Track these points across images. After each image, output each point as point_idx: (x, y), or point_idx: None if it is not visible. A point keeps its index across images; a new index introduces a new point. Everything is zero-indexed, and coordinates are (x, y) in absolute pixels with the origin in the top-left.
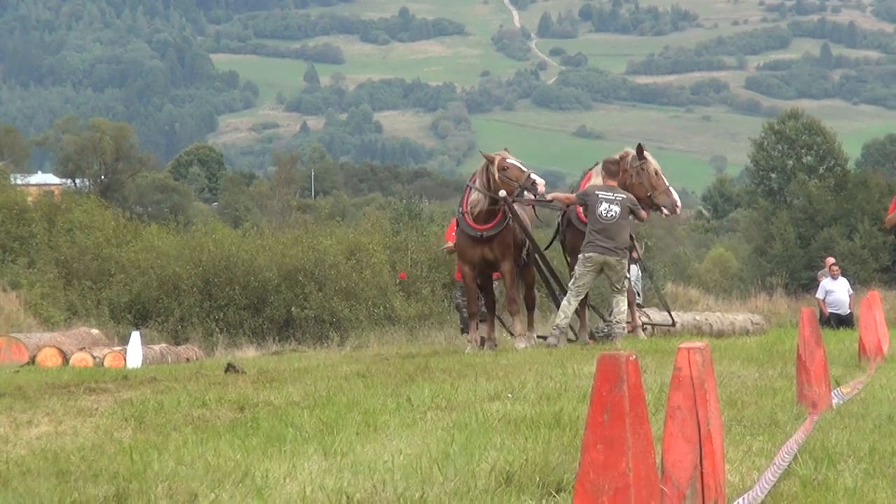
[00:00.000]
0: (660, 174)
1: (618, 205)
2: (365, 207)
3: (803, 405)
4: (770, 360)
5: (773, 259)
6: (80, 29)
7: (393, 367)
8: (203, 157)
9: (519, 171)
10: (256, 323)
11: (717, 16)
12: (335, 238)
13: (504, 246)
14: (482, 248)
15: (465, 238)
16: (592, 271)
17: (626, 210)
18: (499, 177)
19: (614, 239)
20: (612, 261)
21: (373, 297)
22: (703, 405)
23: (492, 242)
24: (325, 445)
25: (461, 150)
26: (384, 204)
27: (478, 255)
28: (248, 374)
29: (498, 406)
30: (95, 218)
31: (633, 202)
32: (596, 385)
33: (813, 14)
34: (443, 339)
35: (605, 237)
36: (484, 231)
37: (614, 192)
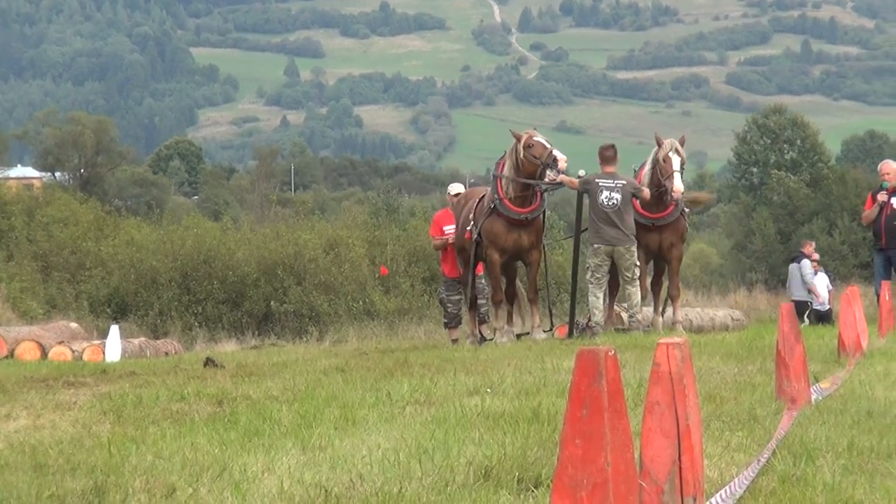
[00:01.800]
0: (668, 161)
1: (618, 192)
2: (344, 202)
3: (782, 401)
4: (749, 355)
5: (753, 254)
6: (61, 22)
7: (372, 362)
8: (183, 150)
9: (542, 148)
10: (235, 317)
11: (698, 11)
12: (314, 232)
13: (538, 231)
14: (518, 234)
15: (502, 223)
16: (605, 261)
17: (627, 196)
18: (524, 155)
19: (619, 227)
20: (621, 249)
21: (352, 291)
22: (682, 400)
23: (529, 227)
24: (304, 440)
25: (441, 145)
26: (363, 198)
27: (512, 240)
28: (226, 369)
29: (476, 401)
30: (74, 212)
31: (633, 186)
32: (575, 380)
33: (793, 10)
34: (422, 333)
35: (609, 226)
36: (528, 214)
37: (614, 179)
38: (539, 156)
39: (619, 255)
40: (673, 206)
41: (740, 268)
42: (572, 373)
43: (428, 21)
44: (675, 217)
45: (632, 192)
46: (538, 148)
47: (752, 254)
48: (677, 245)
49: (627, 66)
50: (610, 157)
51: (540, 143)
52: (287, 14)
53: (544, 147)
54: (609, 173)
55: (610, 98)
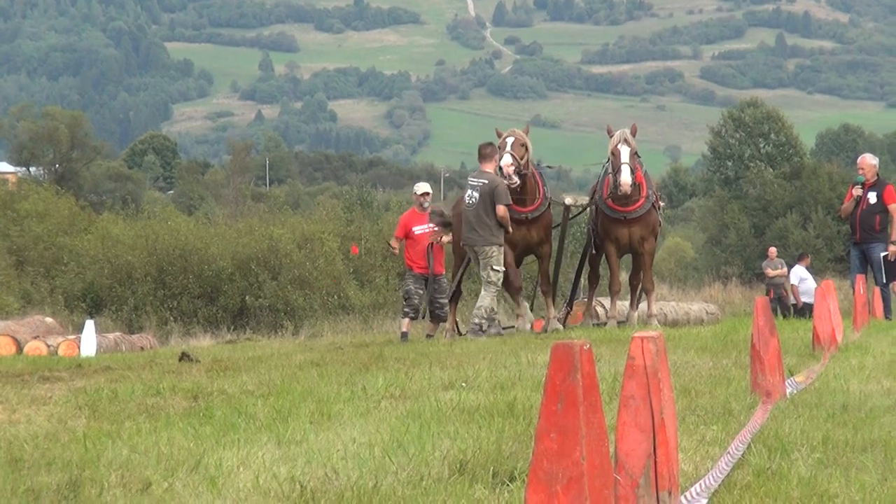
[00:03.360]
0: (616, 153)
1: (478, 191)
2: (319, 196)
3: (757, 394)
4: (724, 349)
5: (728, 248)
6: (35, 17)
7: (347, 356)
8: (157, 145)
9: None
10: (210, 312)
11: (673, 5)
12: (289, 227)
13: (546, 227)
14: (525, 231)
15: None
16: (474, 259)
17: (486, 195)
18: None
19: (474, 227)
20: (477, 250)
21: (327, 285)
22: (657, 394)
23: (535, 224)
24: (279, 434)
25: (416, 139)
26: (338, 193)
27: (519, 237)
28: (202, 363)
29: (452, 395)
30: (49, 206)
31: (493, 188)
32: (550, 374)
33: (768, 4)
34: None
35: (467, 226)
36: (528, 213)
37: (480, 178)
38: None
39: (477, 256)
40: (643, 199)
41: (715, 262)
42: (547, 367)
43: (402, 15)
44: (645, 210)
45: (490, 194)
46: (500, 152)
47: (727, 248)
48: (649, 239)
49: (602, 60)
50: (487, 154)
51: (502, 146)
52: (261, 8)
53: (502, 151)
54: (482, 171)
55: (585, 92)
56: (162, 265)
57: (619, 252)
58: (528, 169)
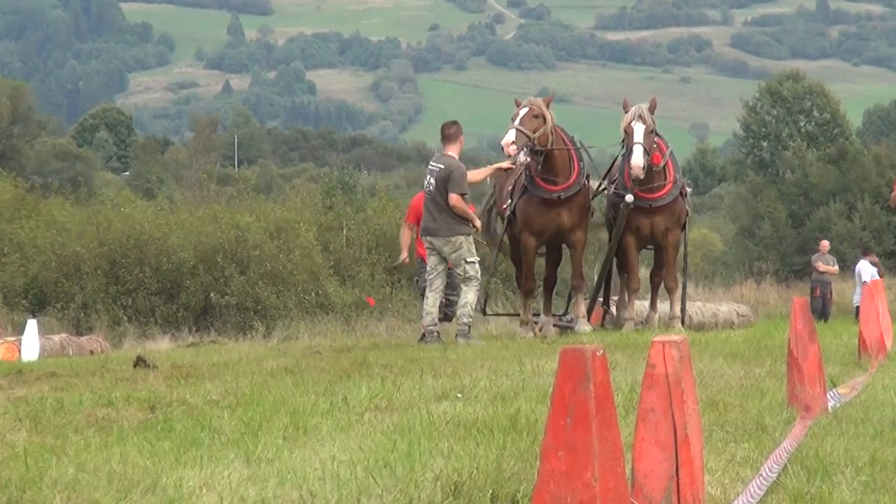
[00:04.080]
0: (629, 132)
1: (434, 176)
2: (295, 179)
3: (795, 408)
4: (757, 356)
5: (762, 241)
6: None
7: (326, 362)
8: (111, 120)
9: None
10: (170, 310)
11: None
12: (260, 214)
13: (581, 209)
14: (555, 214)
15: (535, 203)
16: (438, 258)
17: (440, 183)
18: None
19: (433, 216)
20: (438, 242)
21: (303, 281)
22: (680, 407)
23: (567, 206)
24: (248, 451)
25: (406, 115)
26: (316, 175)
27: (547, 222)
28: (160, 369)
29: (445, 407)
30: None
31: (448, 173)
32: (557, 383)
33: None
34: (383, 329)
35: (426, 214)
36: (560, 192)
37: (438, 162)
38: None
39: (439, 247)
40: (671, 184)
41: (747, 256)
42: (555, 375)
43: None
44: (672, 198)
45: (446, 178)
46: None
47: (761, 240)
48: (673, 230)
49: (618, 25)
50: (450, 135)
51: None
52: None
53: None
54: (443, 155)
55: (598, 62)
56: (115, 257)
57: (638, 245)
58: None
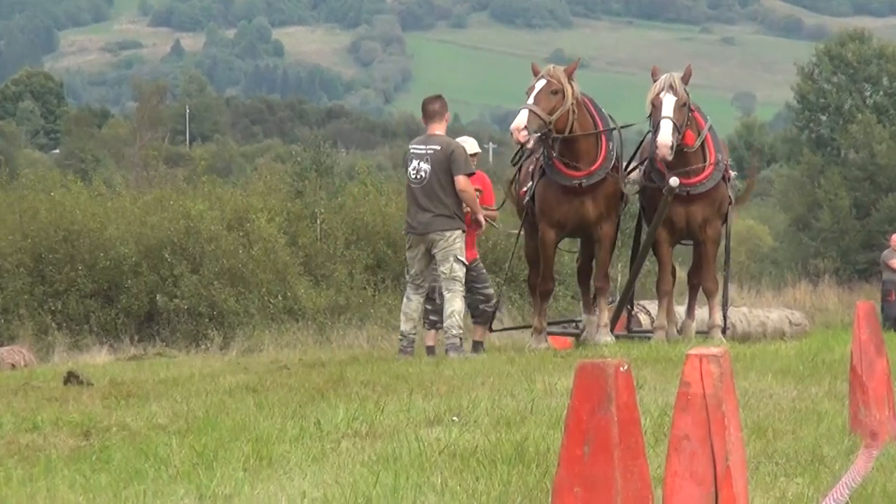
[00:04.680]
0: (657, 105)
1: (428, 161)
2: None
3: (858, 435)
4: (813, 373)
5: (820, 235)
6: None
7: (295, 379)
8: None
9: None
10: (108, 316)
11: None
12: (216, 201)
13: (608, 198)
14: (579, 203)
15: (554, 190)
16: (423, 256)
17: (439, 166)
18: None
19: (429, 209)
20: (434, 237)
21: (267, 282)
22: (720, 434)
23: (592, 194)
24: (201, 485)
25: (391, 82)
26: (284, 154)
27: (569, 212)
28: (95, 387)
29: (438, 433)
30: None
31: (448, 153)
32: (573, 405)
33: None
34: (364, 340)
35: (418, 208)
36: (583, 178)
37: (428, 144)
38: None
39: (433, 243)
40: (712, 167)
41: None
42: (570, 396)
43: None
44: (713, 183)
45: (447, 159)
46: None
47: (818, 234)
48: (713, 222)
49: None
50: (434, 112)
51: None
52: None
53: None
54: (431, 136)
55: (624, 19)
56: (41, 252)
57: (672, 239)
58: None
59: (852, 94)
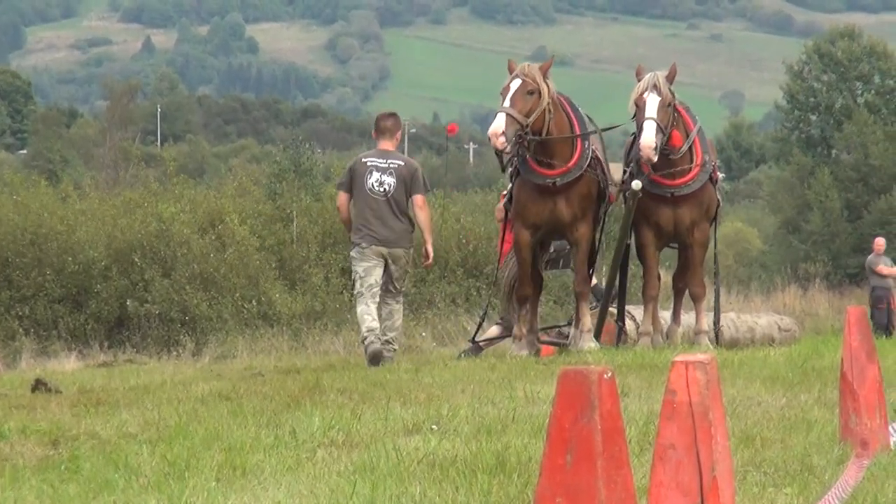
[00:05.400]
0: (640, 105)
1: (392, 174)
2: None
3: (849, 444)
4: (803, 380)
5: (810, 238)
6: None
7: (269, 387)
8: (4, 85)
9: None
10: (77, 322)
11: None
12: (188, 203)
13: (583, 199)
14: (549, 203)
15: (528, 190)
16: (377, 265)
17: (406, 180)
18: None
19: (392, 221)
20: (398, 252)
21: (241, 286)
22: (707, 443)
23: (567, 194)
24: (172, 496)
25: (369, 80)
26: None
27: (542, 212)
28: (64, 395)
29: (417, 442)
30: None
31: (413, 171)
32: (556, 414)
33: None
34: (341, 346)
35: (379, 220)
36: (557, 177)
37: (389, 158)
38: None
39: (396, 258)
40: (698, 168)
41: (791, 256)
42: (552, 403)
43: None
44: (699, 184)
45: (411, 177)
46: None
47: (808, 237)
48: (701, 224)
49: None
50: (386, 128)
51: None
52: None
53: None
54: (383, 150)
55: (609, 15)
56: (7, 256)
57: (658, 243)
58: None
59: (843, 93)
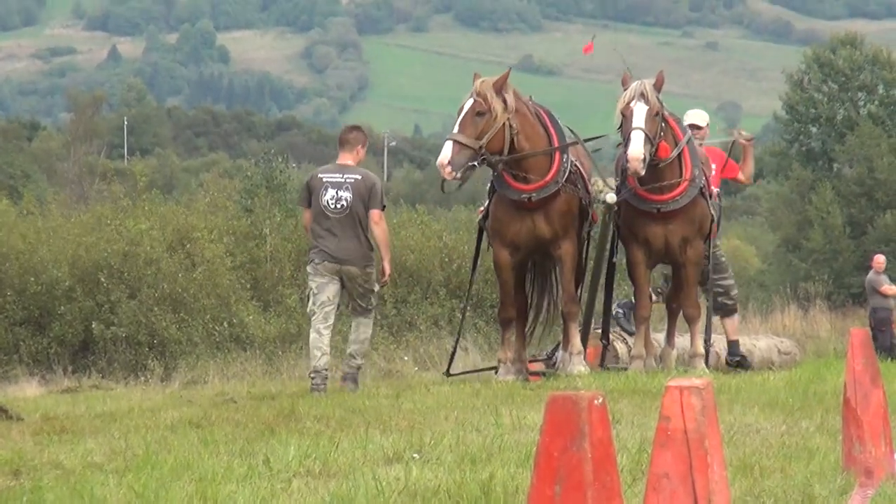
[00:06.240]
0: (627, 115)
1: (349, 189)
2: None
3: (852, 473)
4: (804, 406)
5: (811, 256)
6: None
7: (243, 414)
8: None
9: None
10: (39, 345)
11: None
12: (157, 219)
13: (563, 215)
14: (527, 220)
15: (505, 207)
16: (331, 283)
17: (363, 195)
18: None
19: (347, 237)
20: (354, 270)
21: (212, 308)
22: (703, 472)
23: (544, 210)
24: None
25: (347, 91)
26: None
27: (520, 230)
28: (26, 422)
29: (398, 471)
30: None
31: (371, 185)
32: (544, 441)
33: None
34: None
35: (334, 237)
36: (532, 192)
37: (347, 173)
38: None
39: (351, 277)
40: (686, 182)
41: (791, 275)
42: (540, 431)
43: None
44: (688, 199)
45: (369, 191)
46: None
47: (809, 254)
48: (693, 242)
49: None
50: (347, 141)
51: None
52: None
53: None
54: (341, 165)
55: (599, 22)
56: None
57: (649, 261)
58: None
59: (845, 104)
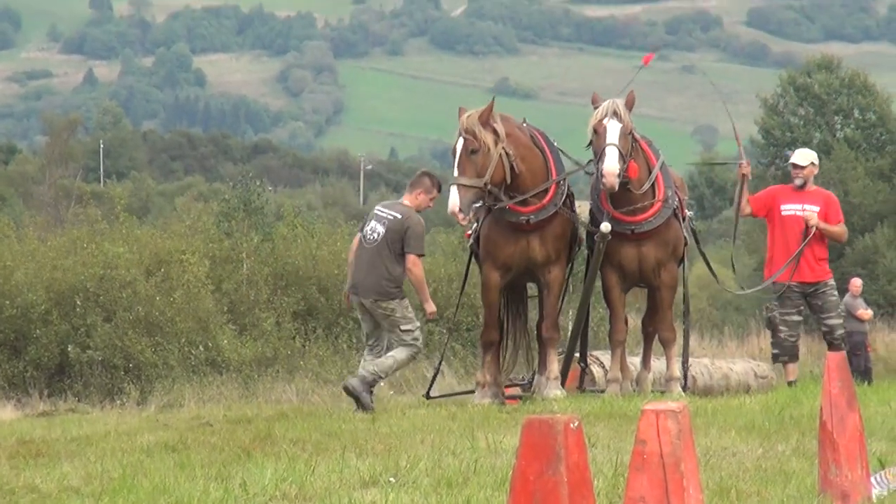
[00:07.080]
0: (599, 131)
1: (384, 224)
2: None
3: (829, 496)
4: (780, 429)
5: None
6: None
7: (219, 437)
8: None
9: None
10: (14, 369)
11: None
12: (133, 243)
13: (557, 239)
14: (522, 243)
15: (501, 228)
16: (361, 314)
17: (393, 235)
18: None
19: (368, 271)
20: (367, 303)
21: (188, 331)
22: (679, 495)
23: (540, 233)
24: None
25: (323, 114)
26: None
27: (514, 253)
28: (1, 446)
29: (374, 495)
30: None
31: (405, 227)
32: (520, 465)
33: None
34: (293, 394)
35: (361, 270)
36: (531, 214)
37: (390, 210)
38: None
39: (372, 309)
40: (659, 203)
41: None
42: (516, 454)
43: None
44: (661, 220)
45: (402, 232)
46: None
47: None
48: (668, 265)
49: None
50: (411, 182)
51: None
52: None
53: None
54: (395, 202)
55: (574, 46)
56: None
57: (623, 284)
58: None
59: (821, 128)
